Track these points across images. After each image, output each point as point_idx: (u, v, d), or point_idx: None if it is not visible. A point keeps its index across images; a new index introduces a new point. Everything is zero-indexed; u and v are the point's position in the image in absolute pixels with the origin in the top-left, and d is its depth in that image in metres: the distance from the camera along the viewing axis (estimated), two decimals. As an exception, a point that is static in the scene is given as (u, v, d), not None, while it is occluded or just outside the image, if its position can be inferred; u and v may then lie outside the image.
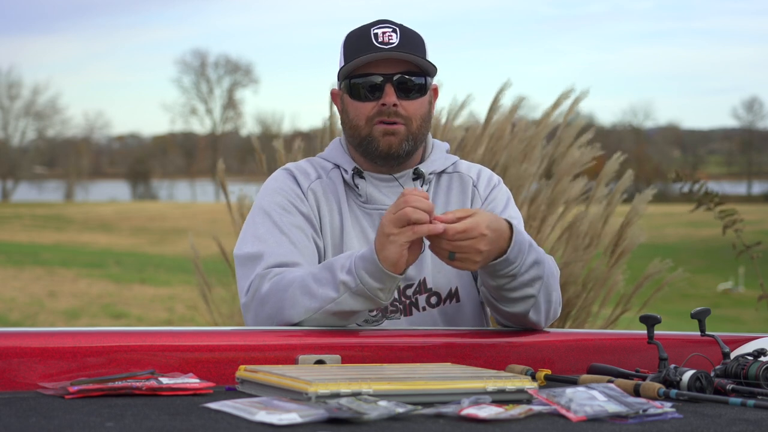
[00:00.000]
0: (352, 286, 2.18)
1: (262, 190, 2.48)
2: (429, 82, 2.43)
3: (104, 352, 1.99)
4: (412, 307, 2.42)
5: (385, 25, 2.41)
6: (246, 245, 2.38)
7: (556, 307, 2.35)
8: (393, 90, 2.38)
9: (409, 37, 2.41)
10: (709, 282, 17.51)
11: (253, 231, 2.40)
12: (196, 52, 66.89)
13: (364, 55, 2.37)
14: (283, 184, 2.46)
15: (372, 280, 2.16)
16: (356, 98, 2.41)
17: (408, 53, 2.38)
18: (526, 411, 1.71)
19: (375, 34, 2.39)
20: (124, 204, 45.76)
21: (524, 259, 2.23)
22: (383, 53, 2.37)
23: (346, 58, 2.42)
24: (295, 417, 1.61)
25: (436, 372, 2.01)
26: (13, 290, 14.51)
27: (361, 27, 2.44)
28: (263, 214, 2.42)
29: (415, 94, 2.40)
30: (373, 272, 2.16)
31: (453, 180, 2.51)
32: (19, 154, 54.56)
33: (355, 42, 2.41)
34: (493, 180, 2.54)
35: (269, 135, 57.61)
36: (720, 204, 4.88)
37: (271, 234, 2.37)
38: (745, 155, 57.58)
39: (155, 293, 15.05)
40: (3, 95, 53.03)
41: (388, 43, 2.38)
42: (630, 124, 57.26)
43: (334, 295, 2.19)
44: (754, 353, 2.09)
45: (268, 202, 2.43)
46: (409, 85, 2.39)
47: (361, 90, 2.40)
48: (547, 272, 2.29)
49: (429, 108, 2.45)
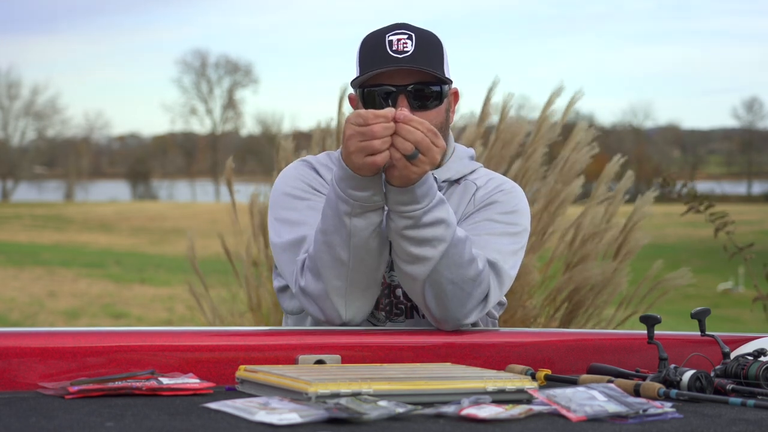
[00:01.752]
0: (349, 210, 2.20)
1: (281, 178, 2.47)
2: (446, 90, 2.40)
3: (104, 352, 1.99)
4: (413, 310, 2.42)
5: (400, 32, 2.37)
6: (283, 233, 2.38)
7: (465, 301, 2.26)
8: (406, 101, 2.35)
9: (425, 44, 2.37)
10: (709, 282, 17.51)
11: (286, 216, 2.40)
12: (197, 52, 66.98)
13: (377, 69, 2.34)
14: (304, 173, 2.46)
15: (360, 191, 2.18)
16: (370, 108, 2.36)
17: (421, 65, 2.34)
18: (526, 411, 1.72)
19: (390, 41, 2.36)
20: (124, 204, 45.78)
21: (430, 206, 2.20)
22: (392, 66, 2.33)
23: (361, 65, 2.39)
24: (295, 417, 1.61)
25: (436, 372, 2.01)
26: (13, 290, 14.52)
27: (376, 32, 2.41)
28: (291, 198, 2.41)
29: (433, 102, 2.38)
30: (356, 183, 2.18)
31: (463, 189, 2.47)
32: (19, 154, 54.60)
33: (370, 50, 2.38)
34: (502, 186, 2.47)
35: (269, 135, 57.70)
36: (710, 207, 4.89)
37: (307, 215, 2.37)
38: (745, 155, 57.60)
39: (155, 293, 15.06)
40: (3, 95, 53.14)
41: (402, 52, 2.35)
42: (630, 124, 57.34)
43: (346, 233, 2.21)
44: (754, 353, 2.09)
45: (291, 188, 2.43)
46: (425, 94, 2.37)
47: (374, 100, 2.38)
48: (454, 247, 2.23)
49: (447, 115, 2.42)
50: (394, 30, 2.39)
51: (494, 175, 2.52)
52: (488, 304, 2.31)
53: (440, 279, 2.24)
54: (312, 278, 2.28)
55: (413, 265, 2.24)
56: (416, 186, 2.18)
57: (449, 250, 2.23)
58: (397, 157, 2.14)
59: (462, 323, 2.30)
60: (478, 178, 2.49)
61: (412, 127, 2.13)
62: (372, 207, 2.21)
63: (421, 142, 2.13)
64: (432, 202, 2.21)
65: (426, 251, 2.22)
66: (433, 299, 2.26)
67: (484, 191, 2.46)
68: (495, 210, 2.42)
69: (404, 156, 2.13)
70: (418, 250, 2.22)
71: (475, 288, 2.27)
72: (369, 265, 2.26)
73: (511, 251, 2.38)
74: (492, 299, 2.32)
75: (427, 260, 2.23)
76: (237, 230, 5.41)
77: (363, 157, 2.13)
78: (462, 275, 2.25)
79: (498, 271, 2.33)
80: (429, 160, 2.15)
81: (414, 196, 2.19)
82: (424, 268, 2.24)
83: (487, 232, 2.38)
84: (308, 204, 2.40)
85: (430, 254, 2.22)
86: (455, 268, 2.24)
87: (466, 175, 2.49)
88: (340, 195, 2.20)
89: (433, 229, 2.21)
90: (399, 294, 2.41)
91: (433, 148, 2.14)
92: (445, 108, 2.41)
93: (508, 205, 2.44)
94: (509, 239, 2.39)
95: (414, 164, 2.14)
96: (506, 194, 2.46)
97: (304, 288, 2.30)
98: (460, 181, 2.48)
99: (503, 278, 2.35)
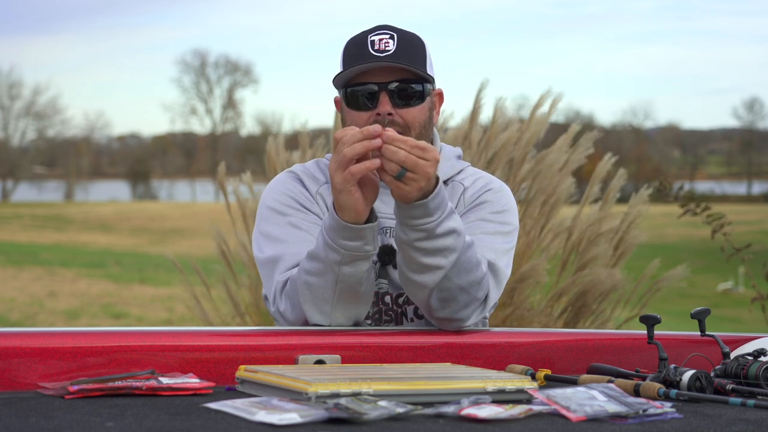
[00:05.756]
0: (339, 258, 2.19)
1: (267, 191, 2.47)
2: (428, 89, 2.40)
3: (104, 352, 1.99)
4: (402, 316, 2.42)
5: (382, 32, 2.38)
6: (264, 248, 2.39)
7: (469, 304, 2.27)
8: (388, 99, 2.35)
9: (407, 43, 2.38)
10: (709, 282, 17.50)
11: (268, 231, 2.40)
12: (196, 52, 66.83)
13: (356, 65, 2.35)
14: (290, 186, 2.46)
15: (351, 241, 2.18)
16: (353, 108, 2.39)
17: (402, 62, 2.34)
18: (526, 411, 1.72)
19: (372, 41, 2.36)
20: (124, 204, 45.77)
21: (442, 217, 2.19)
22: (373, 63, 2.34)
23: (344, 66, 2.40)
24: (295, 417, 1.61)
25: (436, 372, 2.01)
26: (13, 290, 14.51)
27: (359, 33, 2.42)
28: (275, 213, 2.42)
29: (415, 101, 2.37)
30: (347, 234, 2.17)
31: (451, 190, 2.47)
32: (19, 154, 54.56)
33: (352, 50, 2.39)
34: (490, 186, 2.48)
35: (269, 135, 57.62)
36: (707, 209, 4.89)
37: (288, 233, 2.37)
38: (745, 155, 57.58)
39: (155, 293, 15.05)
40: (3, 95, 53.08)
41: (384, 51, 2.35)
42: (630, 124, 57.31)
43: (333, 278, 2.21)
44: (754, 353, 2.09)
45: (276, 203, 2.43)
46: (407, 93, 2.37)
47: (357, 99, 2.38)
48: (464, 254, 2.23)
49: (430, 114, 2.42)
50: (376, 31, 2.39)
51: (481, 174, 2.53)
52: (488, 304, 2.32)
53: (450, 285, 2.24)
54: (290, 307, 2.30)
55: (423, 274, 2.24)
56: (429, 200, 2.17)
57: (460, 258, 2.23)
58: (387, 179, 2.14)
59: (464, 325, 2.31)
60: (465, 178, 2.49)
61: (396, 147, 2.11)
62: (362, 256, 2.21)
63: (406, 161, 2.12)
64: (444, 214, 2.21)
65: (438, 261, 2.22)
66: (438, 303, 2.27)
67: (472, 191, 2.47)
68: (486, 210, 2.43)
69: (392, 177, 2.13)
70: (430, 260, 2.22)
71: (479, 291, 2.28)
72: (354, 303, 2.27)
73: (504, 250, 2.40)
74: (491, 300, 2.33)
75: (438, 269, 2.23)
76: (232, 231, 5.41)
77: (339, 175, 2.12)
78: (470, 280, 2.26)
79: (495, 271, 2.34)
80: (420, 176, 2.13)
81: (427, 209, 2.18)
82: (434, 277, 2.23)
83: (481, 231, 2.38)
84: (289, 220, 2.40)
85: (442, 263, 2.23)
86: (464, 275, 2.25)
87: (453, 176, 2.49)
88: (329, 244, 2.19)
89: (445, 239, 2.21)
90: (388, 301, 2.41)
91: (421, 162, 2.12)
92: (428, 107, 2.41)
93: (498, 204, 2.45)
94: (502, 238, 2.40)
95: (404, 182, 2.13)
96: (495, 193, 2.47)
97: (282, 313, 2.33)
98: (447, 182, 2.47)
99: (500, 277, 2.36)
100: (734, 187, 54.11)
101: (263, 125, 59.52)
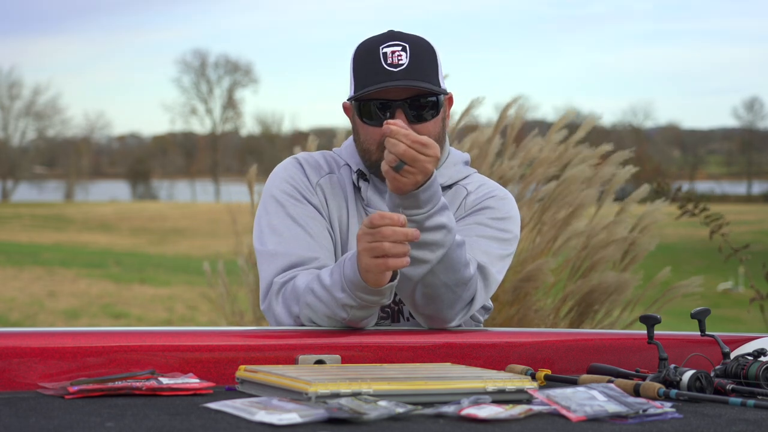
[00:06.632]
0: (354, 304, 2.20)
1: (271, 178, 2.47)
2: (442, 100, 2.38)
3: (104, 352, 1.99)
4: (399, 314, 2.43)
5: (394, 43, 2.34)
6: (264, 239, 2.39)
7: (454, 303, 2.28)
8: (404, 115, 2.33)
9: (419, 55, 2.34)
10: (709, 282, 17.49)
11: (268, 222, 2.40)
12: (196, 52, 66.78)
13: (372, 85, 2.31)
14: (293, 173, 2.45)
15: (370, 296, 2.19)
16: (366, 120, 2.36)
17: (416, 78, 2.32)
18: (526, 411, 1.72)
19: (384, 53, 2.33)
20: (124, 204, 45.77)
21: (432, 211, 2.20)
22: (389, 84, 2.31)
23: (356, 78, 2.37)
24: (295, 417, 1.61)
25: (436, 372, 2.01)
26: (13, 290, 14.51)
27: (370, 41, 2.38)
28: (276, 203, 2.41)
29: (429, 112, 2.36)
30: (368, 291, 2.18)
31: (454, 194, 2.46)
32: (19, 154, 54.56)
33: (364, 63, 2.35)
34: (493, 193, 2.47)
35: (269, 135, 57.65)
36: (705, 210, 4.89)
37: (287, 227, 2.37)
38: (745, 155, 57.58)
39: (155, 293, 15.05)
40: (4, 95, 53.08)
41: (397, 65, 2.32)
42: (630, 124, 57.31)
43: (342, 314, 2.22)
44: (754, 353, 2.09)
45: (279, 191, 2.42)
46: (422, 107, 2.35)
47: (370, 113, 2.36)
48: (452, 252, 2.23)
49: (443, 124, 2.41)
50: (387, 41, 2.35)
51: (486, 181, 2.52)
52: (474, 307, 2.33)
53: (434, 281, 2.25)
54: (285, 312, 2.30)
55: (410, 266, 2.23)
56: (420, 191, 2.17)
57: (447, 255, 2.23)
58: (385, 169, 2.16)
59: (448, 324, 2.31)
60: (470, 183, 2.49)
61: (396, 139, 2.13)
62: (375, 304, 2.22)
63: (405, 154, 2.12)
64: (435, 208, 2.21)
65: (424, 254, 2.23)
66: (422, 298, 2.27)
67: (474, 196, 2.46)
68: (486, 215, 2.43)
69: (391, 167, 2.14)
70: (417, 252, 2.21)
71: (464, 291, 2.28)
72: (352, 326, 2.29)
73: (499, 256, 2.39)
74: (477, 302, 2.33)
75: (424, 263, 2.23)
76: (233, 231, 5.41)
77: (371, 257, 2.12)
78: (455, 279, 2.26)
79: (485, 275, 2.34)
80: (419, 170, 2.14)
81: (417, 200, 2.19)
82: (419, 270, 2.24)
83: (477, 234, 2.39)
84: (289, 212, 2.39)
85: (428, 257, 2.23)
86: (451, 273, 2.25)
87: (458, 180, 2.48)
88: (347, 291, 2.19)
89: (433, 233, 2.21)
90: None
91: (420, 158, 2.13)
92: (441, 117, 2.40)
93: (500, 211, 2.45)
94: (498, 244, 2.40)
95: (402, 175, 2.14)
96: (498, 200, 2.46)
97: (276, 314, 2.32)
98: (451, 186, 2.47)
99: (490, 282, 2.36)
100: (734, 187, 54.10)
101: (263, 125, 59.63)
